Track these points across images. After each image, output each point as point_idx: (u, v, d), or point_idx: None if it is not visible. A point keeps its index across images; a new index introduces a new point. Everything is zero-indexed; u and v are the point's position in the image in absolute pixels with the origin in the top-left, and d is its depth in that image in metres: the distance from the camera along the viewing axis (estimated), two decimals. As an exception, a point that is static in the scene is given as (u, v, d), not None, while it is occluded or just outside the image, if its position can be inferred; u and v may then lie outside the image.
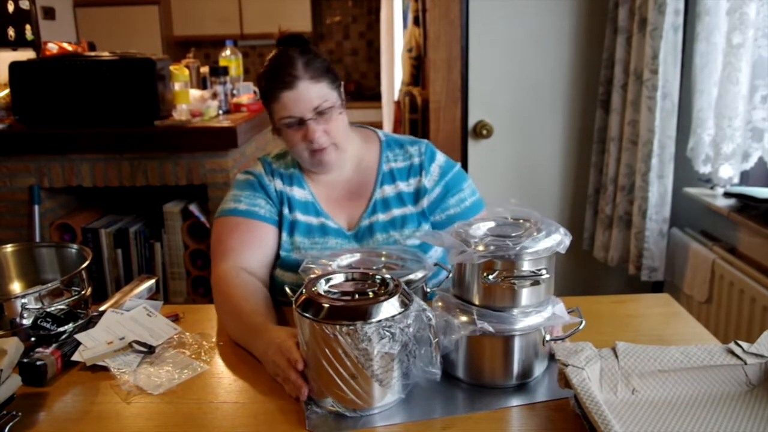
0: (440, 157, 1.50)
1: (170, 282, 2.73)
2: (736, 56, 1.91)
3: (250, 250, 1.37)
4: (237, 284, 1.28)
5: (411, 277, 1.14)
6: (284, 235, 1.41)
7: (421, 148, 1.49)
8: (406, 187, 1.47)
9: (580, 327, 1.09)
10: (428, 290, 1.18)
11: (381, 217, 1.44)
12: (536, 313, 1.04)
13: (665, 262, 2.28)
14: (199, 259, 2.70)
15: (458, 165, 1.52)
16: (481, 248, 1.01)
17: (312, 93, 1.32)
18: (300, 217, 1.43)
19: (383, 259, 1.22)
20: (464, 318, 1.03)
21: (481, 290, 1.04)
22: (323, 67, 1.36)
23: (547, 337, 1.07)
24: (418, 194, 1.46)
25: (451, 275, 1.11)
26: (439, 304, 1.09)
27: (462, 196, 1.48)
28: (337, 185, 1.48)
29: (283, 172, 1.47)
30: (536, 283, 1.02)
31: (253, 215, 1.40)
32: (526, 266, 1.01)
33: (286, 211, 1.43)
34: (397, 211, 1.45)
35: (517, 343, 1.04)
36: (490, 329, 1.00)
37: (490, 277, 1.01)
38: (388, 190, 1.47)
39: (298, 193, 1.45)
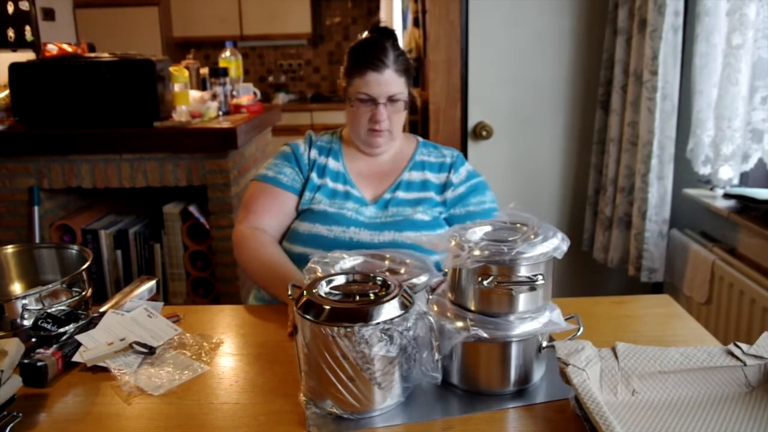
0: (469, 166, 1.68)
1: (170, 283, 2.73)
2: (736, 57, 1.91)
3: (268, 216, 1.57)
4: (255, 243, 1.50)
5: (415, 281, 1.13)
6: (308, 194, 1.58)
7: (453, 153, 1.68)
8: (433, 177, 1.63)
9: (578, 334, 1.08)
10: (429, 296, 1.17)
11: (401, 194, 1.59)
12: (532, 319, 1.03)
13: (665, 264, 2.28)
14: (199, 260, 2.70)
15: (483, 177, 1.67)
16: (476, 253, 0.99)
17: (393, 82, 1.51)
18: (329, 183, 1.59)
19: (387, 262, 1.22)
20: (459, 323, 1.02)
21: (477, 295, 1.03)
22: (407, 66, 1.55)
23: (544, 344, 1.06)
24: (444, 187, 1.62)
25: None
26: (435, 308, 1.08)
27: (483, 199, 1.62)
28: (370, 164, 1.64)
29: (322, 145, 1.65)
30: (532, 288, 1.01)
31: (276, 182, 1.59)
32: (523, 271, 1.00)
33: (314, 176, 1.60)
34: (417, 194, 1.59)
35: (513, 350, 1.03)
36: (485, 335, 0.99)
37: (485, 282, 1.00)
38: (415, 175, 1.62)
39: (332, 163, 1.62)
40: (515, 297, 1.02)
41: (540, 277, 1.01)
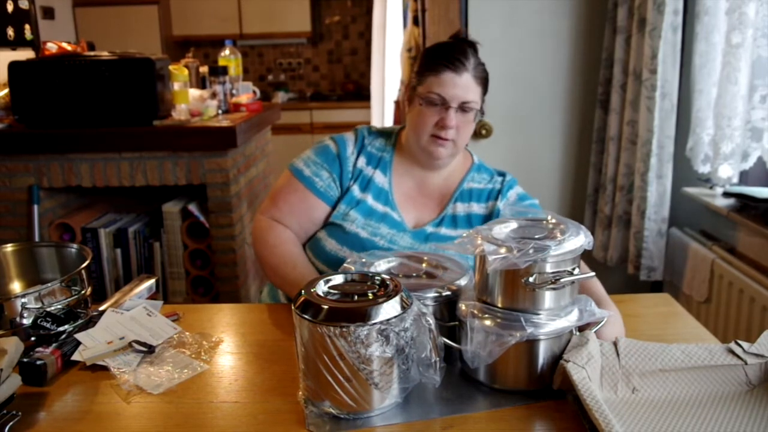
0: (519, 189, 1.56)
1: (169, 282, 2.73)
2: (735, 56, 1.91)
3: (293, 217, 1.46)
4: (275, 238, 1.43)
5: (458, 282, 1.12)
6: (343, 206, 1.45)
7: (505, 178, 1.56)
8: (479, 209, 1.51)
9: (603, 322, 1.09)
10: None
11: (445, 231, 1.48)
12: (568, 312, 1.03)
13: (664, 262, 2.28)
14: (199, 258, 2.70)
15: (537, 200, 1.57)
16: (520, 252, 0.97)
17: (469, 88, 1.39)
18: (369, 200, 1.46)
19: (424, 265, 1.21)
20: (491, 323, 1.01)
21: (520, 294, 1.01)
22: (485, 76, 1.44)
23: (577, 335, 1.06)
24: (490, 217, 1.50)
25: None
26: (474, 311, 1.04)
27: None
28: (419, 184, 1.51)
29: (372, 153, 1.50)
30: (571, 282, 1.01)
31: (310, 185, 1.46)
32: (563, 266, 0.99)
33: (356, 187, 1.47)
34: (462, 231, 1.48)
35: (544, 347, 1.02)
36: (540, 334, 0.99)
37: (531, 279, 0.98)
38: (461, 208, 1.50)
39: (378, 177, 1.48)
40: (559, 292, 1.01)
41: (577, 269, 1.01)
